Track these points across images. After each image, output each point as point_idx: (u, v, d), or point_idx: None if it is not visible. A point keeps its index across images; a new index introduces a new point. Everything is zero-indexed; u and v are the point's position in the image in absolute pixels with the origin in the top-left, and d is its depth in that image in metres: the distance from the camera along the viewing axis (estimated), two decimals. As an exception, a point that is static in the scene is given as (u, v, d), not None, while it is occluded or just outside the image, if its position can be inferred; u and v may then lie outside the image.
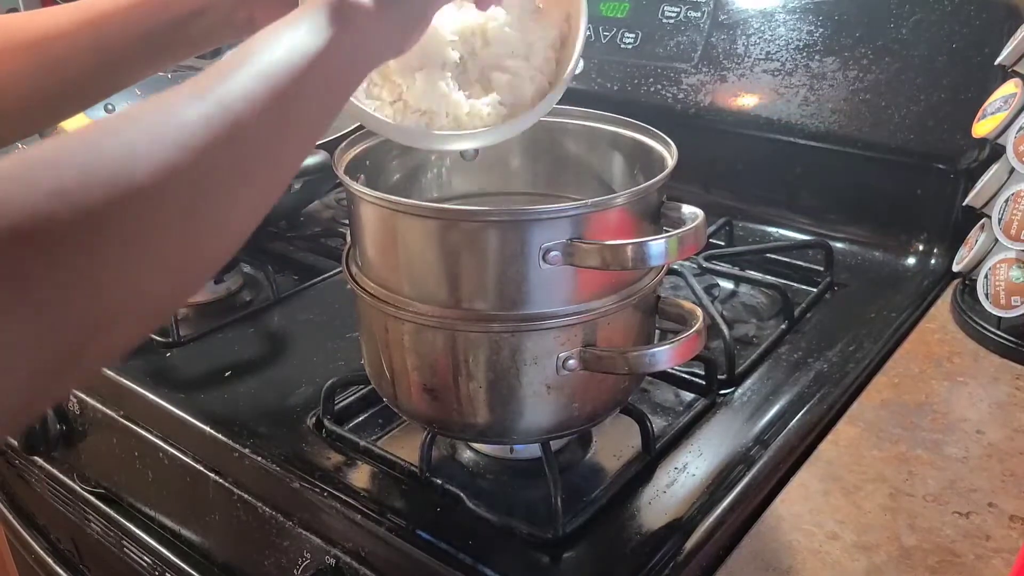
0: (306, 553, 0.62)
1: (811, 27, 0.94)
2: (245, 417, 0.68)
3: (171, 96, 0.35)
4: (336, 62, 0.41)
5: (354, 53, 0.43)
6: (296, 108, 0.38)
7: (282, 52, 0.38)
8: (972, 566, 0.53)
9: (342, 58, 0.42)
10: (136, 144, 0.32)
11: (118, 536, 0.79)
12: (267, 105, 0.36)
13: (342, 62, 0.42)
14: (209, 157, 0.33)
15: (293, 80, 0.38)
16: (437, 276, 0.54)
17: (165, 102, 0.34)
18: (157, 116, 0.34)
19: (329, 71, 0.41)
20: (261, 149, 0.37)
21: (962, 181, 0.86)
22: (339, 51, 0.41)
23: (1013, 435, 0.65)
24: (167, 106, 0.34)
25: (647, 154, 0.62)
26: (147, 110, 0.34)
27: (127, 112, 0.34)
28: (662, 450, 0.63)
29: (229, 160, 0.35)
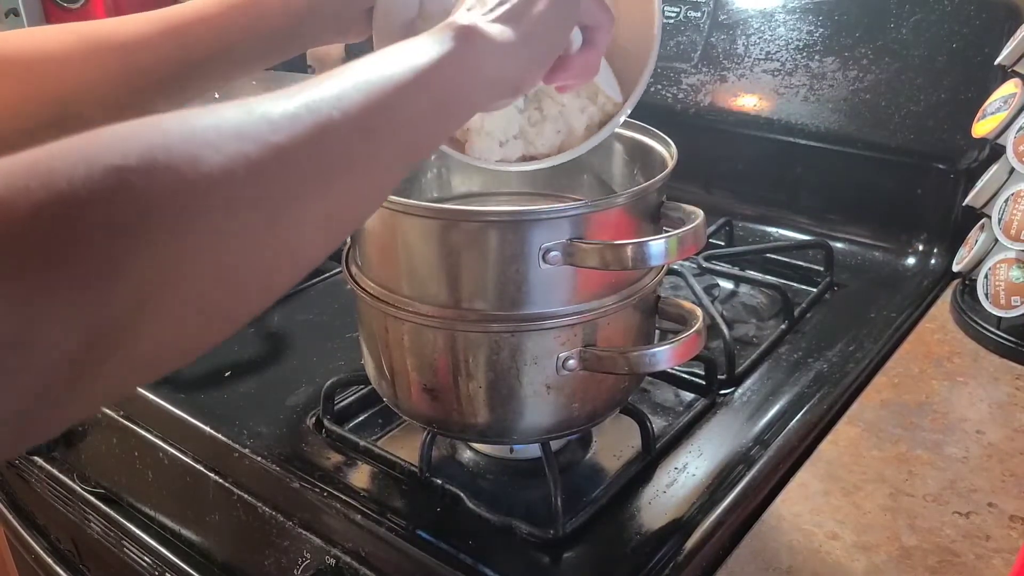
0: (306, 553, 0.62)
1: (811, 27, 0.94)
2: (245, 417, 0.68)
3: (258, 98, 0.32)
4: (446, 82, 0.39)
5: (468, 78, 0.40)
6: (392, 121, 0.36)
7: (390, 64, 0.37)
8: (972, 566, 0.53)
9: (454, 79, 0.39)
10: (208, 132, 0.29)
11: (118, 536, 0.79)
12: (360, 113, 0.34)
13: (453, 83, 0.39)
14: (288, 156, 0.31)
15: (395, 91, 0.36)
16: (437, 276, 0.54)
17: (251, 101, 0.32)
18: (238, 110, 0.31)
19: (436, 90, 0.38)
20: (347, 158, 0.34)
21: (962, 181, 0.86)
22: (452, 72, 0.39)
23: (1013, 435, 0.65)
24: (252, 103, 0.32)
25: (647, 154, 0.62)
26: (230, 105, 0.31)
27: (208, 108, 0.31)
28: (662, 450, 0.63)
29: (310, 164, 0.32)
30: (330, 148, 0.33)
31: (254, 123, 0.31)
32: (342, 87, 0.34)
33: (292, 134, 0.31)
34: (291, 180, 0.31)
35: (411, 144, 0.38)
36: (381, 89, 0.35)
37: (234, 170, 0.29)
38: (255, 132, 0.30)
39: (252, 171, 0.30)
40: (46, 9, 1.46)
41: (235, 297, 0.31)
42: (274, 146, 0.31)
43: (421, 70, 0.37)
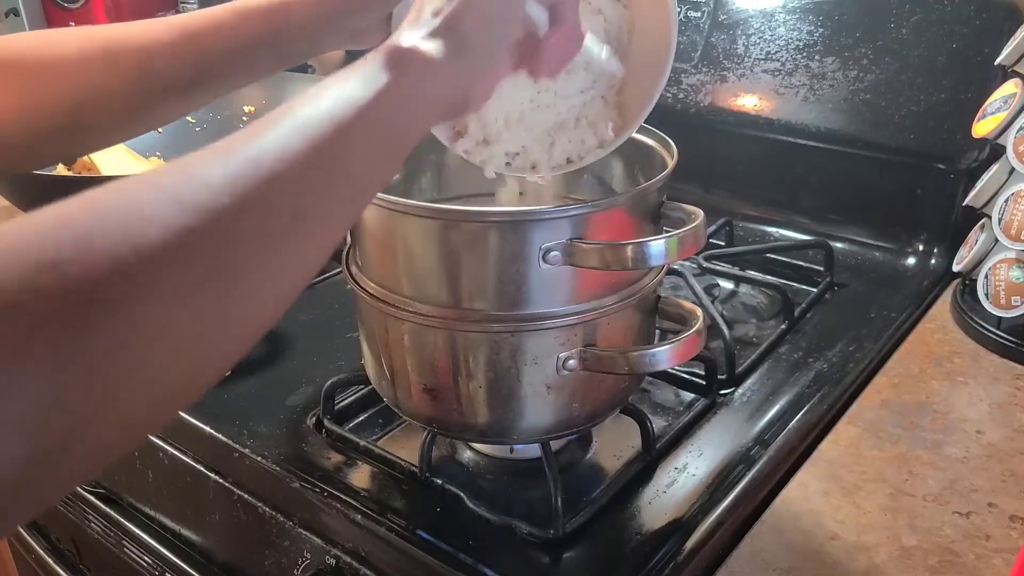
0: (306, 553, 0.62)
1: (811, 27, 0.94)
2: (245, 417, 0.68)
3: (196, 155, 0.31)
4: (388, 113, 0.37)
5: (410, 103, 0.39)
6: (339, 164, 0.34)
7: (327, 104, 0.35)
8: (972, 566, 0.53)
9: (396, 108, 0.38)
10: (146, 206, 0.28)
11: (118, 536, 0.79)
12: (305, 161, 0.33)
13: (395, 113, 0.38)
14: (234, 220, 0.29)
15: (336, 132, 0.34)
16: (437, 276, 0.54)
17: (188, 161, 0.31)
18: (176, 176, 0.30)
19: (379, 123, 0.37)
20: (297, 211, 0.32)
21: (962, 181, 0.86)
22: (392, 100, 0.37)
23: (1013, 435, 0.65)
24: (189, 166, 0.30)
25: (647, 154, 0.62)
26: (167, 170, 0.30)
27: (145, 174, 0.30)
28: (662, 450, 0.63)
29: (258, 223, 0.31)
30: (278, 205, 0.32)
31: (195, 191, 0.29)
32: (284, 138, 0.33)
33: (236, 198, 0.30)
34: (241, 246, 0.30)
35: (361, 183, 0.37)
36: (323, 134, 0.34)
37: (178, 246, 0.28)
38: (197, 201, 0.29)
39: (196, 244, 0.28)
40: (46, 9, 1.46)
41: (197, 368, 0.30)
42: (218, 213, 0.29)
43: (361, 105, 0.36)
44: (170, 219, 0.28)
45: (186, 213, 0.28)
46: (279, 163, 0.32)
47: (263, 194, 0.31)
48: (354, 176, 0.36)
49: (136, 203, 0.28)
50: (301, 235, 0.33)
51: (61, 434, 0.25)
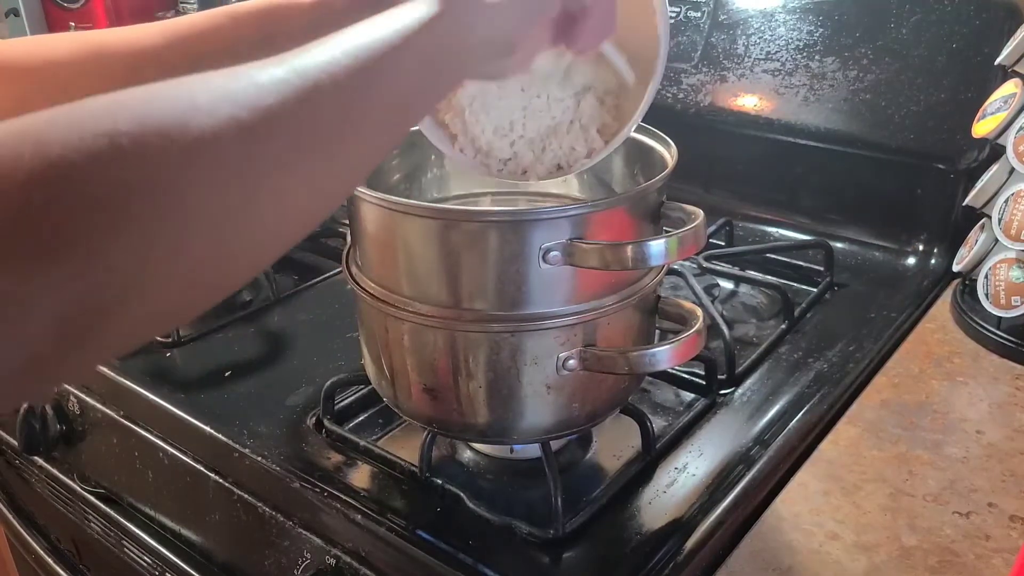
0: (306, 553, 0.62)
1: (811, 27, 0.94)
2: (245, 417, 0.68)
3: (248, 64, 0.32)
4: (434, 41, 0.38)
5: (457, 36, 0.40)
6: (382, 83, 0.36)
7: (376, 29, 0.36)
8: (972, 566, 0.53)
9: (443, 38, 0.39)
10: (198, 97, 0.29)
11: (118, 536, 0.79)
12: (350, 76, 0.34)
13: (442, 42, 0.39)
14: (277, 119, 0.31)
15: (383, 54, 0.35)
16: (437, 276, 0.54)
17: (239, 68, 0.32)
18: (227, 77, 0.31)
19: (425, 50, 0.38)
20: (336, 122, 0.34)
21: (962, 181, 0.86)
22: (440, 30, 0.38)
23: (1013, 435, 0.65)
24: (240, 70, 0.32)
25: (647, 154, 0.62)
26: (218, 72, 0.31)
27: (198, 75, 0.31)
28: (662, 450, 0.63)
29: (299, 126, 0.32)
30: (319, 112, 0.33)
31: (243, 88, 0.31)
32: (331, 53, 0.34)
33: (281, 98, 0.31)
34: (280, 143, 0.31)
35: (401, 107, 0.38)
36: (369, 53, 0.35)
37: (223, 133, 0.29)
38: (244, 96, 0.30)
39: (241, 134, 0.30)
40: (46, 9, 1.46)
41: (226, 264, 0.31)
42: (263, 109, 0.30)
43: (409, 32, 0.37)
44: (219, 110, 0.29)
45: (233, 106, 0.30)
46: (324, 74, 0.33)
47: (304, 100, 0.32)
48: (392, 97, 0.37)
49: (189, 94, 0.29)
50: (334, 146, 0.34)
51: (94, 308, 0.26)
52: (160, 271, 0.28)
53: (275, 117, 0.31)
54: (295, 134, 0.32)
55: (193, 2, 1.48)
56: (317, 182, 0.34)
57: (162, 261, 0.28)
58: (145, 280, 0.27)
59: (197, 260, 0.29)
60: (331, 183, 0.35)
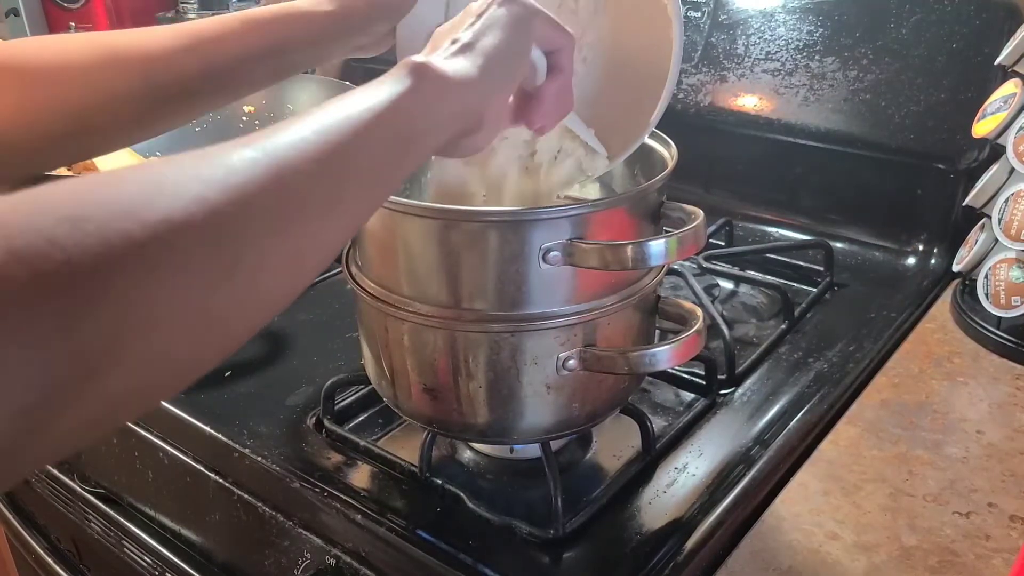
0: (306, 553, 0.62)
1: (811, 27, 0.94)
2: (245, 417, 0.68)
3: (223, 145, 0.32)
4: (404, 120, 0.39)
5: (425, 114, 0.40)
6: (351, 163, 0.36)
7: (347, 107, 0.37)
8: (972, 566, 0.53)
9: (412, 117, 0.39)
10: (166, 178, 0.29)
11: (118, 536, 0.79)
12: (319, 154, 0.34)
13: (411, 121, 0.39)
14: (247, 198, 0.31)
15: (352, 133, 0.36)
16: (437, 276, 0.54)
17: (208, 149, 0.32)
18: (195, 158, 0.31)
19: (394, 129, 0.38)
20: (307, 201, 0.34)
21: (962, 181, 0.86)
22: (409, 109, 0.39)
23: (1013, 435, 0.65)
24: (209, 151, 0.32)
25: (647, 154, 0.62)
26: (187, 155, 0.31)
27: (175, 156, 0.31)
28: (662, 450, 0.63)
29: (269, 207, 0.32)
30: (289, 191, 0.33)
31: (212, 168, 0.31)
32: (301, 133, 0.34)
33: (250, 177, 0.31)
34: (251, 223, 0.31)
35: (371, 185, 0.38)
36: (339, 132, 0.35)
37: (193, 213, 0.29)
38: (212, 176, 0.30)
39: (211, 214, 0.29)
40: (46, 9, 1.46)
41: (200, 345, 0.31)
42: (232, 188, 0.30)
43: (378, 110, 0.37)
44: (188, 191, 0.29)
45: (200, 186, 0.29)
46: (294, 151, 0.33)
47: (274, 179, 0.32)
48: (362, 175, 0.37)
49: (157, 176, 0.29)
50: (305, 224, 0.34)
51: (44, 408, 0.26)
52: (131, 353, 0.27)
53: (245, 196, 0.31)
54: (266, 213, 0.32)
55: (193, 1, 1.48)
56: (290, 259, 0.34)
57: (133, 344, 0.27)
58: (117, 362, 0.27)
59: (167, 340, 0.29)
60: (301, 261, 0.35)
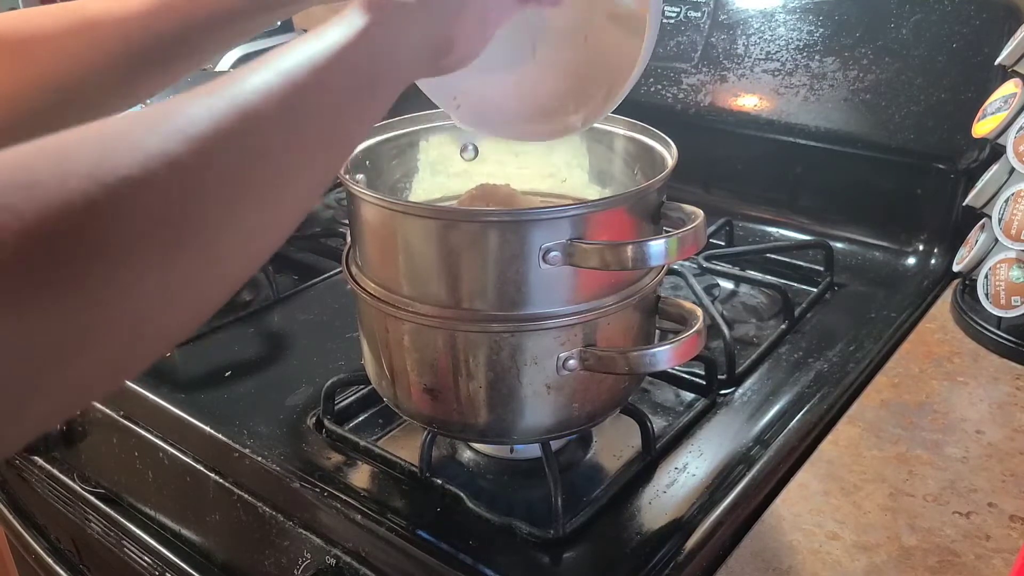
0: (306, 553, 0.62)
1: (811, 27, 0.94)
2: (245, 417, 0.68)
3: (183, 95, 0.31)
4: (364, 56, 0.38)
5: (389, 48, 0.39)
6: (317, 104, 0.35)
7: (306, 49, 0.36)
8: (972, 566, 0.53)
9: (371, 53, 0.38)
10: (128, 134, 0.28)
11: (118, 536, 0.79)
12: (284, 99, 0.33)
13: (371, 57, 0.38)
14: (210, 149, 0.29)
15: (314, 72, 0.35)
16: (437, 276, 0.54)
17: (170, 101, 0.31)
18: (157, 111, 0.30)
19: (356, 65, 0.37)
20: (275, 146, 0.33)
21: (962, 181, 0.86)
22: (368, 45, 0.38)
23: (1013, 435, 0.65)
24: (171, 103, 0.30)
25: (647, 154, 0.62)
26: (148, 109, 0.30)
27: (130, 112, 0.30)
28: (662, 450, 0.63)
29: (238, 155, 0.31)
30: (253, 137, 0.32)
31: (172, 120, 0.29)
32: (263, 76, 0.33)
33: (212, 126, 0.30)
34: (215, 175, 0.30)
35: (337, 128, 0.37)
36: (301, 73, 0.34)
37: (154, 170, 0.27)
38: (173, 128, 0.29)
39: (173, 169, 0.28)
40: (46, 9, 1.46)
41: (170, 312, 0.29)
42: (193, 139, 0.29)
43: (339, 49, 0.36)
44: (147, 144, 0.28)
45: (162, 140, 0.28)
46: (259, 98, 0.32)
47: (241, 127, 0.31)
48: (332, 117, 0.36)
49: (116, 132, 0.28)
50: (277, 169, 0.33)
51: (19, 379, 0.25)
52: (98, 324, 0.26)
53: (207, 146, 0.29)
54: (230, 163, 0.31)
55: None
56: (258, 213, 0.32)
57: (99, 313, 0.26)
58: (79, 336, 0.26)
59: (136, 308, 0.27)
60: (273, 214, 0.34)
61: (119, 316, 0.27)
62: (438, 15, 0.42)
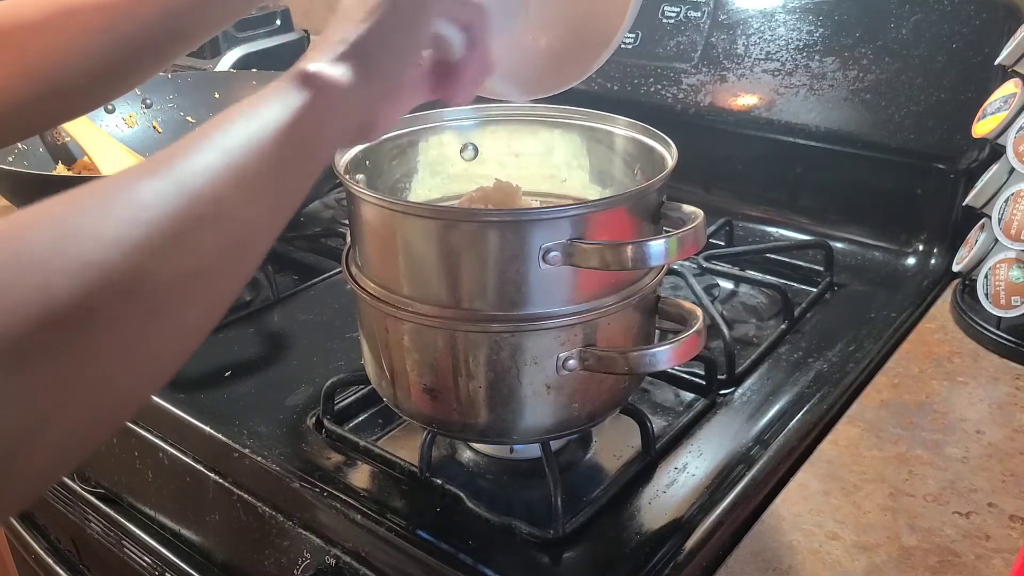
0: (306, 553, 0.62)
1: (811, 27, 0.94)
2: (245, 417, 0.68)
3: (123, 176, 0.32)
4: (304, 134, 0.38)
5: (322, 131, 0.39)
6: (261, 187, 0.36)
7: (248, 125, 0.36)
8: (972, 566, 0.53)
9: (309, 135, 0.38)
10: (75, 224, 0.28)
11: (118, 536, 0.79)
12: (229, 180, 0.34)
13: (310, 134, 0.38)
14: (163, 237, 0.30)
15: (258, 153, 0.35)
16: (437, 276, 0.54)
17: (116, 181, 0.31)
18: (103, 196, 0.30)
19: (296, 144, 0.37)
20: (221, 227, 0.33)
21: (962, 181, 0.86)
22: (307, 123, 0.38)
23: (1013, 435, 0.65)
24: (117, 186, 0.31)
25: (647, 154, 0.62)
26: (95, 191, 0.30)
27: (73, 193, 0.30)
28: (662, 450, 0.63)
29: (186, 241, 0.31)
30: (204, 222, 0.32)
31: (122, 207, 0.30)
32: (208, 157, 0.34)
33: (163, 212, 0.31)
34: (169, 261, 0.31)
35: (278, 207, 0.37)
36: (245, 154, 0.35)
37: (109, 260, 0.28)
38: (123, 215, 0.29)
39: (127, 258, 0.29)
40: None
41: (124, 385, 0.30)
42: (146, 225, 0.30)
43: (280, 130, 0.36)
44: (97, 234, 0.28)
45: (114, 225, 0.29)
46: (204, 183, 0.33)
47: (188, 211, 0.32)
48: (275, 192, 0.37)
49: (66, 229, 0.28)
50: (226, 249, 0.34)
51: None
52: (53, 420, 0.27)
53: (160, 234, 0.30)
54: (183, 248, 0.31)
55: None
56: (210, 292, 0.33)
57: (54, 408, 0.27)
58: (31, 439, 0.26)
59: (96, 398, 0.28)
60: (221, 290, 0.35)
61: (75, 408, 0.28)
62: (368, 99, 0.42)
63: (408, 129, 0.67)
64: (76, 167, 1.02)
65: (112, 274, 0.28)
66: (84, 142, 1.00)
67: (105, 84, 0.54)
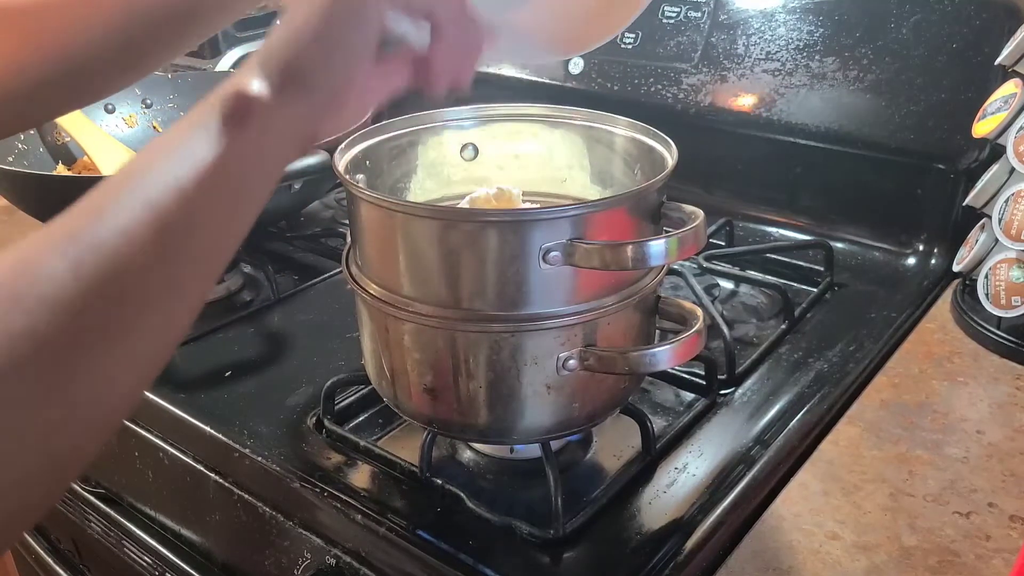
0: (306, 553, 0.62)
1: (811, 27, 0.94)
2: (245, 417, 0.68)
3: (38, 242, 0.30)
4: (238, 170, 0.35)
5: (259, 154, 0.36)
6: (191, 237, 0.33)
7: (171, 169, 0.33)
8: (972, 566, 0.53)
9: (245, 163, 0.35)
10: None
11: (118, 536, 0.79)
12: (153, 239, 0.31)
13: (245, 168, 0.35)
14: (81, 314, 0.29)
15: (185, 203, 0.32)
16: (437, 276, 0.54)
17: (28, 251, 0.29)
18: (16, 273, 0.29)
19: (230, 183, 0.35)
20: (148, 294, 0.32)
21: (962, 181, 0.86)
22: (240, 156, 0.35)
23: (1013, 435, 0.65)
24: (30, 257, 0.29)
25: (647, 154, 0.62)
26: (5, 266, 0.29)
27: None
28: (662, 450, 0.63)
29: (107, 314, 0.30)
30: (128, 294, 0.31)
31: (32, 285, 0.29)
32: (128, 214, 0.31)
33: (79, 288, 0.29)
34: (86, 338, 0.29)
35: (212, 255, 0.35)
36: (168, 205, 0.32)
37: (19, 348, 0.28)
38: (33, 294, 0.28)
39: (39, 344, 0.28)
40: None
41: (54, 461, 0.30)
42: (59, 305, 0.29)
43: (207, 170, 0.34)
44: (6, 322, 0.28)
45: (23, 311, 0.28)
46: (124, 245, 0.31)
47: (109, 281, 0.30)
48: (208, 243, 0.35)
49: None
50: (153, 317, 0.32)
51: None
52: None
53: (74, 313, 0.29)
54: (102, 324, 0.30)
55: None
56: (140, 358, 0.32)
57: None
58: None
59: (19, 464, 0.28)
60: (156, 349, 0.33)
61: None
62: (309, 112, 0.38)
63: (408, 129, 0.67)
64: (76, 167, 1.02)
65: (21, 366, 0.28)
66: (84, 142, 1.00)
67: (123, 67, 0.53)
